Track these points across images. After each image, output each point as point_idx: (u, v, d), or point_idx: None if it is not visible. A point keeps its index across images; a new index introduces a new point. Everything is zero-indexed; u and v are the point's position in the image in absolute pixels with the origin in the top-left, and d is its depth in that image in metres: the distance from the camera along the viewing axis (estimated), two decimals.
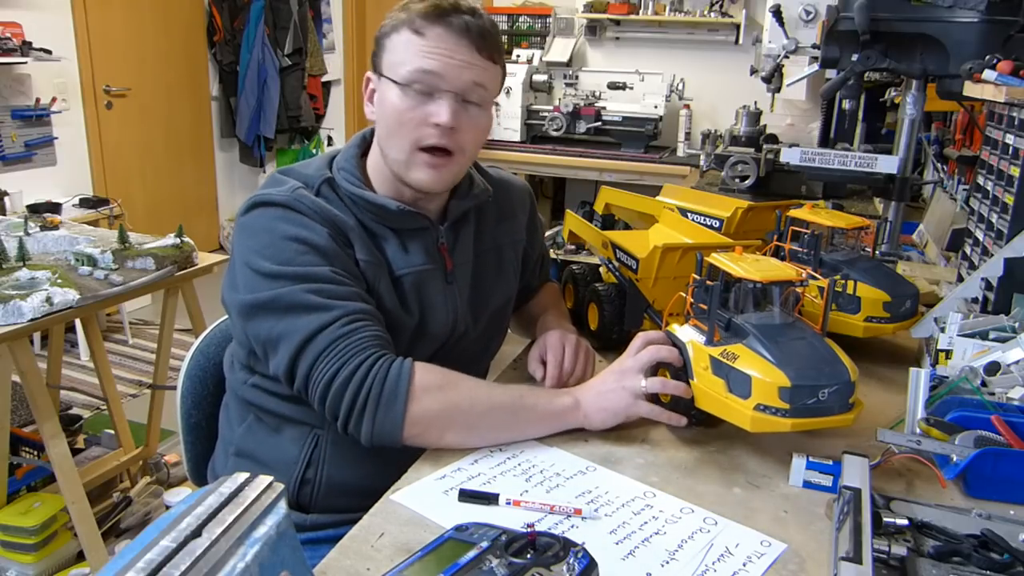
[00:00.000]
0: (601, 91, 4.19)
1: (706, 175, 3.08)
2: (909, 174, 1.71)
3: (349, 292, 0.99)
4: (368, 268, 1.05)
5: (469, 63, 1.03)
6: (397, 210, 1.09)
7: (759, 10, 4.03)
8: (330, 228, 1.02)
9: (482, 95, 1.06)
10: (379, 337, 0.98)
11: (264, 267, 0.98)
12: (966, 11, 1.42)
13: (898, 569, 0.75)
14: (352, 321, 0.96)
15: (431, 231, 1.14)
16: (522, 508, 0.87)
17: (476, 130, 1.08)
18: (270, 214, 1.02)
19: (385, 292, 1.07)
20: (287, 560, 0.53)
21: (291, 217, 1.01)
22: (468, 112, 1.05)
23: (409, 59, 1.03)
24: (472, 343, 1.21)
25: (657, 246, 1.19)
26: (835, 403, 0.92)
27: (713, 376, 0.96)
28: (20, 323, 1.79)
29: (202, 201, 5.20)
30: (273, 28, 5.04)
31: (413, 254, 1.11)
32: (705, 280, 1.00)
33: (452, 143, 1.05)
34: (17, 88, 3.82)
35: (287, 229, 1.00)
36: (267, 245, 0.99)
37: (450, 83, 1.02)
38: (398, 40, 1.04)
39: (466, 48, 1.02)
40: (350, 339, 0.95)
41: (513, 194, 1.30)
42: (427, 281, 1.12)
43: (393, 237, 1.10)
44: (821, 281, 1.00)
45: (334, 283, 0.97)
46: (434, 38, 1.02)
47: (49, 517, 2.11)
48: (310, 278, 0.96)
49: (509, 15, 4.67)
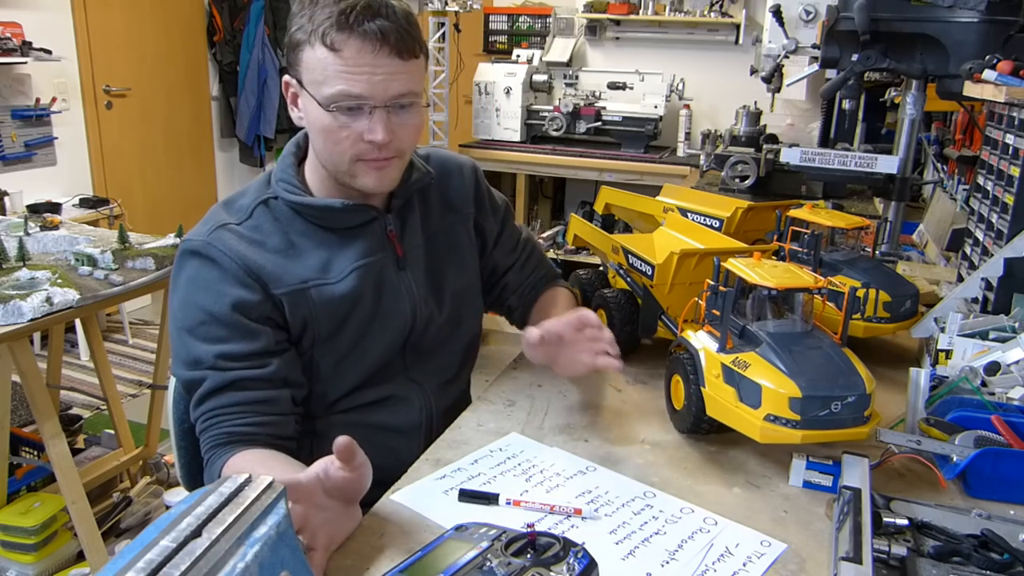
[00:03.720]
0: (601, 91, 4.19)
1: (706, 175, 3.08)
2: (909, 174, 1.71)
3: (224, 379, 1.02)
4: (289, 297, 1.06)
5: (394, 73, 1.00)
6: (343, 207, 1.10)
7: (759, 10, 4.03)
8: (240, 271, 1.04)
9: (413, 99, 1.05)
10: (225, 434, 1.02)
11: (175, 326, 1.07)
12: (966, 11, 1.42)
13: (898, 569, 0.75)
14: (210, 418, 1.03)
15: (379, 220, 1.15)
16: (522, 508, 0.87)
17: (412, 129, 1.07)
18: (190, 268, 1.06)
19: (323, 301, 1.08)
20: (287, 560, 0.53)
21: (203, 276, 1.05)
22: (400, 117, 1.04)
23: (329, 80, 0.99)
24: (441, 327, 1.21)
25: (674, 252, 1.17)
26: (848, 415, 0.90)
27: (724, 384, 0.95)
28: (20, 323, 1.79)
29: (202, 201, 5.19)
30: (273, 28, 5.04)
31: (360, 247, 1.12)
32: (719, 286, 1.00)
33: (391, 151, 1.05)
34: (17, 88, 3.82)
35: (195, 296, 1.05)
36: (180, 305, 1.06)
37: (379, 100, 1.01)
38: (313, 56, 1.00)
39: (386, 58, 0.98)
40: (205, 435, 1.03)
41: (454, 171, 1.28)
42: (379, 271, 1.13)
43: (336, 238, 1.11)
44: (841, 288, 0.98)
45: (214, 368, 1.02)
46: (352, 54, 0.97)
47: (49, 517, 2.11)
48: (198, 362, 1.03)
49: (509, 15, 4.67)
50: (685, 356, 1.04)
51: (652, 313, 1.23)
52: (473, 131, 4.31)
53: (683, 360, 1.04)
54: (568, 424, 1.10)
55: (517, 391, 1.21)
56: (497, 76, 4.17)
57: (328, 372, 1.12)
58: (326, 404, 1.14)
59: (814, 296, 0.99)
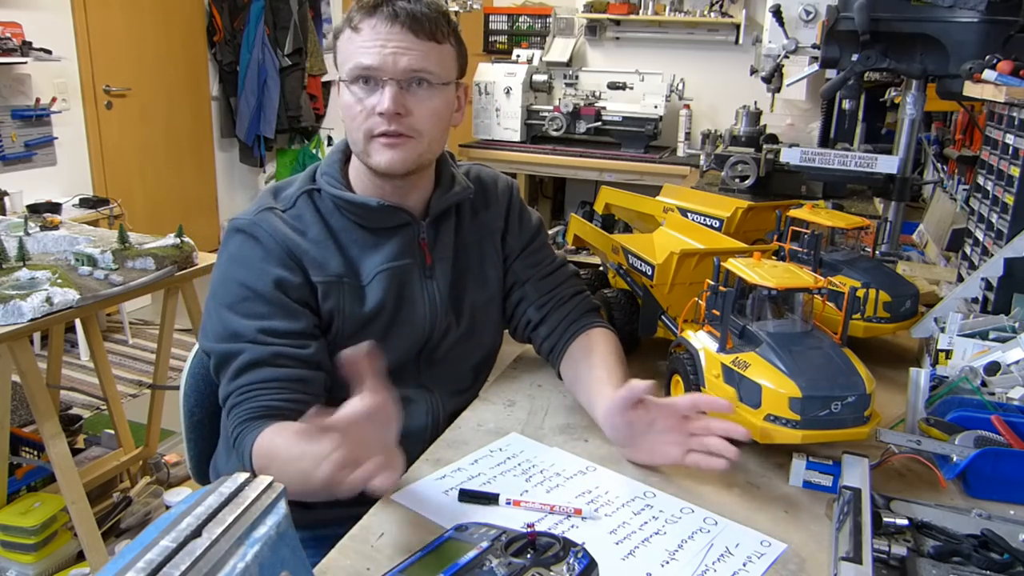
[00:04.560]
0: (601, 91, 4.19)
1: (706, 175, 3.08)
2: (909, 174, 1.71)
3: (264, 352, 1.03)
4: (324, 286, 1.09)
5: (406, 49, 1.04)
6: (377, 206, 1.11)
7: (759, 10, 4.03)
8: (283, 252, 1.07)
9: (427, 77, 1.06)
10: (263, 407, 1.02)
11: (214, 302, 1.09)
12: (966, 11, 1.42)
13: (898, 569, 0.75)
14: (245, 391, 1.03)
15: (412, 226, 1.16)
16: (522, 508, 0.87)
17: (429, 111, 1.08)
18: (233, 244, 1.10)
19: (351, 299, 1.10)
20: (287, 560, 0.53)
21: (245, 254, 1.08)
22: (415, 95, 1.06)
23: (349, 56, 1.05)
24: (457, 342, 1.21)
25: (674, 252, 1.17)
26: (848, 415, 0.90)
27: (724, 385, 0.96)
28: (20, 323, 1.79)
29: (202, 201, 5.19)
30: (273, 28, 5.04)
31: (391, 250, 1.13)
32: (719, 286, 1.00)
33: (403, 127, 1.06)
34: (17, 88, 3.82)
35: (236, 272, 1.07)
36: (220, 281, 1.09)
37: (389, 72, 1.04)
38: (342, 40, 1.08)
39: (399, 34, 1.03)
40: (238, 409, 1.03)
41: (490, 187, 1.29)
42: (405, 276, 1.14)
43: (370, 237, 1.13)
44: (841, 288, 0.98)
45: (255, 342, 1.04)
46: (368, 31, 1.04)
47: (49, 517, 2.11)
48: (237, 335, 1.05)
49: (509, 15, 4.67)
50: (685, 356, 1.04)
51: (652, 313, 1.23)
52: (473, 131, 4.31)
53: (683, 360, 1.04)
54: (568, 424, 1.10)
55: (517, 391, 1.21)
56: (497, 76, 4.17)
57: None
58: (338, 400, 1.13)
59: (814, 296, 0.99)
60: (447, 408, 1.19)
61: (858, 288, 1.14)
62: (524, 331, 1.27)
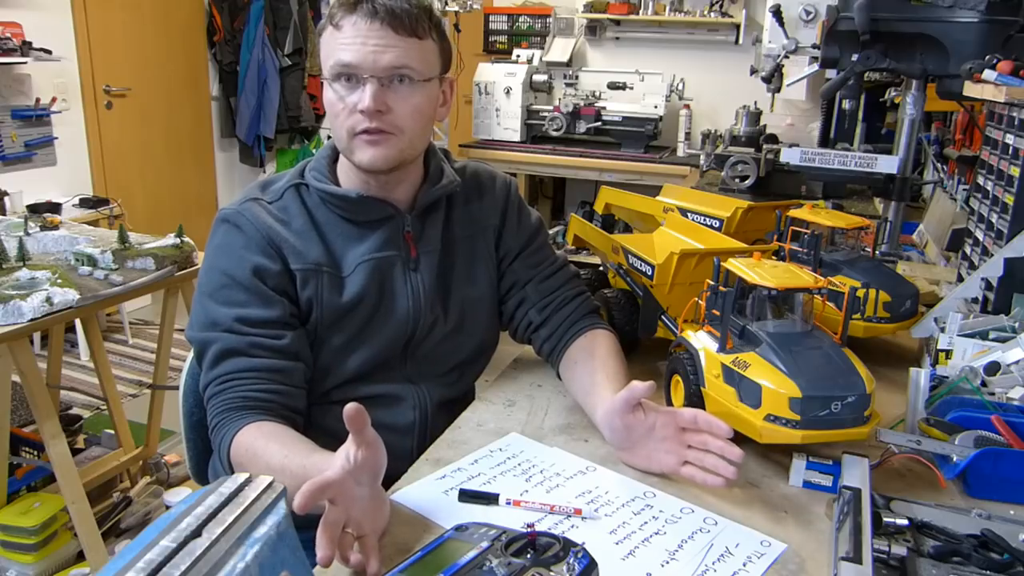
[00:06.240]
0: (601, 91, 4.19)
1: (706, 175, 3.08)
2: (909, 174, 1.71)
3: (240, 342, 1.05)
4: (303, 273, 1.10)
5: (386, 46, 1.03)
6: (357, 198, 1.12)
7: (759, 10, 4.03)
8: (263, 240, 1.08)
9: (408, 73, 1.06)
10: (240, 398, 1.02)
11: (199, 291, 1.11)
12: (966, 11, 1.42)
13: (898, 569, 0.75)
14: (223, 382, 1.04)
15: (397, 219, 1.16)
16: (522, 508, 0.87)
17: (411, 108, 1.07)
18: (218, 235, 1.12)
19: (330, 288, 1.11)
20: (287, 560, 0.53)
21: (228, 242, 1.09)
22: (397, 92, 1.06)
23: (331, 53, 1.05)
24: (446, 337, 1.20)
25: (674, 252, 1.17)
26: (848, 415, 0.90)
27: (724, 384, 0.96)
28: (20, 323, 1.79)
29: (202, 201, 5.19)
30: (273, 28, 5.04)
31: (374, 242, 1.14)
32: (719, 286, 1.00)
33: (384, 124, 1.06)
34: (17, 88, 3.82)
35: (219, 261, 1.09)
36: (205, 271, 1.11)
37: (369, 70, 1.03)
38: (324, 37, 1.08)
39: (379, 31, 1.03)
40: (215, 399, 1.04)
41: (486, 185, 1.28)
42: (387, 267, 1.14)
43: (355, 230, 1.14)
44: (841, 288, 0.98)
45: (231, 331, 1.05)
46: (349, 28, 1.03)
47: (49, 517, 2.11)
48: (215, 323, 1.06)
49: (509, 15, 4.67)
50: (685, 356, 1.04)
51: (652, 313, 1.23)
52: (473, 131, 4.31)
53: (683, 360, 1.04)
54: (568, 424, 1.10)
55: (517, 391, 1.21)
56: (497, 76, 4.17)
57: (326, 360, 1.12)
58: (320, 392, 1.14)
59: (814, 296, 0.99)
60: (435, 402, 1.19)
61: (858, 288, 1.14)
62: (524, 333, 1.27)
